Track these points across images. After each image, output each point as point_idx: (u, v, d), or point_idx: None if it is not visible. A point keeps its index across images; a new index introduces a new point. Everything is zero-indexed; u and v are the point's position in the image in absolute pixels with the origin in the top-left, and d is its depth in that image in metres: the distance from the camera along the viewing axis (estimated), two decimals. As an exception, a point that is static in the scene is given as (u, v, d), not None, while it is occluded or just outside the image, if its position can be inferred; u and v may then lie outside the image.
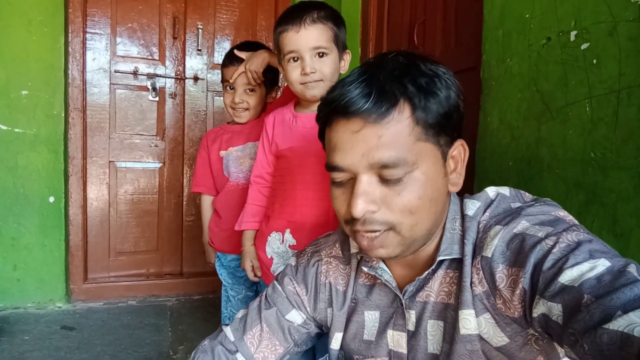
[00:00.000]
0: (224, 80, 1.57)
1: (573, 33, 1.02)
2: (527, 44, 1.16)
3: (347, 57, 1.20)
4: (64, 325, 2.12)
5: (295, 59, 1.12)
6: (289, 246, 1.21)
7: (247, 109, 1.54)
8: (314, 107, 1.19)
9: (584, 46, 1.00)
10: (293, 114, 1.24)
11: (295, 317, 0.84)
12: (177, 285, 2.65)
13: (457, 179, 0.70)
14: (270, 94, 1.60)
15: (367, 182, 0.64)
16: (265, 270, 1.27)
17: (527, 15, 1.16)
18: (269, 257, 1.24)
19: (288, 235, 1.20)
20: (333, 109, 0.66)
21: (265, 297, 0.87)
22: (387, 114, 0.62)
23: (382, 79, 0.64)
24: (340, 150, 0.66)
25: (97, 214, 2.54)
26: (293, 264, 0.88)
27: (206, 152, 1.67)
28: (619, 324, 0.45)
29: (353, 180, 0.66)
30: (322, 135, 0.74)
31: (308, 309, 0.84)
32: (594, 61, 0.97)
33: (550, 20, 1.09)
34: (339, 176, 0.67)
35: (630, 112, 0.89)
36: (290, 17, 1.11)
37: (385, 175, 0.63)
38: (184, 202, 2.71)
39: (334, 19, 1.14)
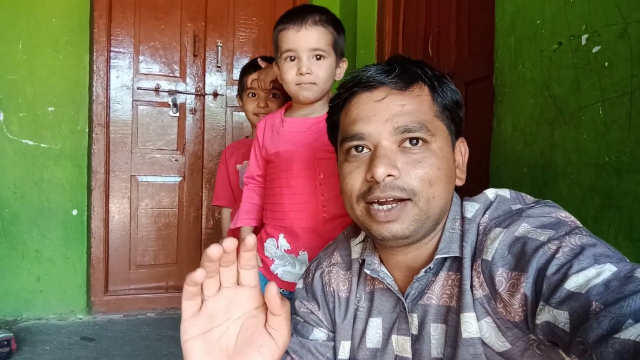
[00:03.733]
0: (246, 89, 1.59)
1: (584, 37, 1.01)
2: (539, 49, 1.15)
3: (344, 65, 1.21)
4: (84, 336, 2.15)
5: (292, 58, 1.12)
6: (285, 251, 1.20)
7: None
8: (303, 112, 1.20)
9: (595, 49, 0.99)
10: (281, 119, 1.23)
11: (318, 334, 0.83)
12: (196, 299, 2.66)
13: (461, 174, 0.74)
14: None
15: (389, 148, 0.66)
16: (267, 268, 1.26)
17: (538, 21, 1.16)
18: (271, 259, 1.24)
19: (282, 241, 1.20)
20: (355, 84, 0.70)
21: None
22: (409, 86, 0.68)
23: (401, 62, 0.70)
24: (362, 118, 0.68)
25: (119, 227, 2.59)
26: (300, 286, 0.88)
27: (225, 165, 1.71)
28: (630, 333, 0.43)
29: (370, 152, 0.68)
30: (333, 127, 0.77)
31: (325, 322, 0.83)
32: (606, 64, 0.96)
33: (561, 25, 1.08)
34: (358, 144, 0.68)
35: (644, 113, 0.87)
36: (292, 17, 1.12)
37: (407, 138, 0.66)
38: (203, 216, 2.74)
39: (335, 24, 1.15)
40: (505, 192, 0.71)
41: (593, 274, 0.50)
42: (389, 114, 0.66)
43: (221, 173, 1.72)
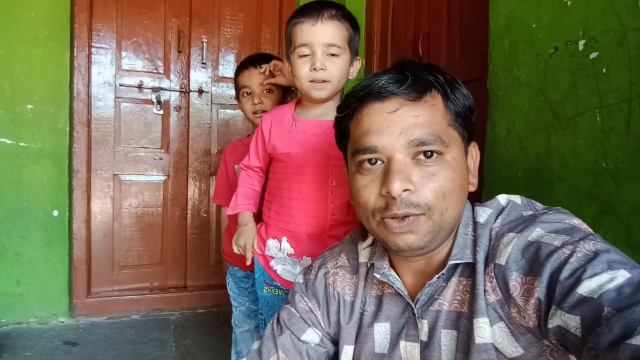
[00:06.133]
0: (240, 88, 1.56)
1: (581, 42, 1.01)
2: (535, 53, 1.15)
3: (357, 64, 1.18)
4: (67, 341, 2.09)
5: (306, 53, 1.09)
6: (287, 254, 1.18)
7: (265, 111, 1.50)
8: (315, 112, 1.17)
9: (593, 55, 0.99)
10: (293, 117, 1.19)
11: (312, 336, 0.82)
12: (181, 299, 2.63)
13: (473, 179, 0.73)
14: (286, 98, 1.58)
15: (403, 162, 0.65)
16: (267, 262, 1.23)
17: (533, 25, 1.16)
18: (270, 256, 1.22)
19: (285, 244, 1.18)
20: (366, 94, 0.68)
21: (278, 321, 0.85)
22: (422, 96, 0.67)
23: (412, 69, 0.68)
24: (375, 130, 0.67)
25: (101, 227, 2.53)
26: (301, 281, 0.87)
27: (225, 164, 1.68)
28: None
29: (384, 165, 0.67)
30: (342, 135, 0.76)
31: (322, 324, 0.82)
32: (604, 70, 0.96)
33: (557, 30, 1.08)
34: (371, 157, 0.67)
35: (643, 121, 0.87)
36: (308, 10, 1.08)
37: (421, 151, 0.65)
38: (188, 215, 2.69)
39: (352, 21, 1.12)
40: (517, 198, 0.71)
41: (606, 279, 0.50)
42: (402, 126, 0.65)
43: (221, 172, 1.70)
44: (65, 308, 2.36)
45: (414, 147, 0.64)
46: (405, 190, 0.63)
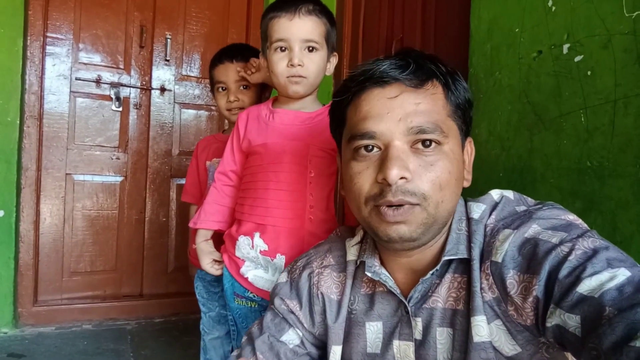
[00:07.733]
0: (215, 82, 1.50)
1: (566, 46, 1.05)
2: (517, 57, 1.18)
3: (334, 60, 1.16)
4: (12, 353, 1.92)
5: (283, 48, 1.06)
6: (260, 252, 1.11)
7: (242, 108, 1.45)
8: (293, 106, 1.14)
9: (577, 58, 1.02)
10: (270, 110, 1.16)
11: (292, 336, 0.79)
12: (137, 308, 2.49)
13: (468, 175, 0.73)
14: (264, 94, 1.53)
15: (401, 149, 0.63)
16: (237, 269, 1.15)
17: (516, 30, 1.19)
18: (242, 259, 1.14)
19: (258, 240, 1.11)
20: (366, 78, 0.67)
21: (260, 323, 0.83)
22: (424, 84, 0.66)
23: (415, 57, 0.67)
24: (374, 116, 0.65)
25: (51, 230, 2.36)
26: (284, 280, 0.84)
27: (196, 160, 1.60)
28: None
29: (381, 152, 0.65)
30: (338, 121, 0.75)
31: (305, 324, 0.79)
32: (589, 73, 1.00)
33: (541, 34, 1.12)
34: (368, 143, 0.66)
35: (628, 121, 0.91)
36: (285, 5, 1.06)
37: (420, 139, 0.64)
38: (146, 219, 2.56)
39: (329, 16, 1.11)
40: (509, 193, 0.71)
41: (606, 277, 0.50)
42: (402, 113, 0.64)
43: (192, 168, 1.61)
44: (8, 317, 2.16)
45: (414, 135, 0.63)
46: (401, 178, 0.62)
